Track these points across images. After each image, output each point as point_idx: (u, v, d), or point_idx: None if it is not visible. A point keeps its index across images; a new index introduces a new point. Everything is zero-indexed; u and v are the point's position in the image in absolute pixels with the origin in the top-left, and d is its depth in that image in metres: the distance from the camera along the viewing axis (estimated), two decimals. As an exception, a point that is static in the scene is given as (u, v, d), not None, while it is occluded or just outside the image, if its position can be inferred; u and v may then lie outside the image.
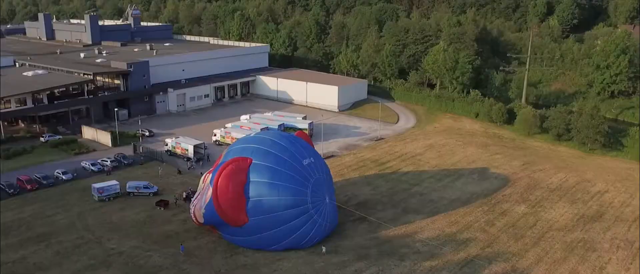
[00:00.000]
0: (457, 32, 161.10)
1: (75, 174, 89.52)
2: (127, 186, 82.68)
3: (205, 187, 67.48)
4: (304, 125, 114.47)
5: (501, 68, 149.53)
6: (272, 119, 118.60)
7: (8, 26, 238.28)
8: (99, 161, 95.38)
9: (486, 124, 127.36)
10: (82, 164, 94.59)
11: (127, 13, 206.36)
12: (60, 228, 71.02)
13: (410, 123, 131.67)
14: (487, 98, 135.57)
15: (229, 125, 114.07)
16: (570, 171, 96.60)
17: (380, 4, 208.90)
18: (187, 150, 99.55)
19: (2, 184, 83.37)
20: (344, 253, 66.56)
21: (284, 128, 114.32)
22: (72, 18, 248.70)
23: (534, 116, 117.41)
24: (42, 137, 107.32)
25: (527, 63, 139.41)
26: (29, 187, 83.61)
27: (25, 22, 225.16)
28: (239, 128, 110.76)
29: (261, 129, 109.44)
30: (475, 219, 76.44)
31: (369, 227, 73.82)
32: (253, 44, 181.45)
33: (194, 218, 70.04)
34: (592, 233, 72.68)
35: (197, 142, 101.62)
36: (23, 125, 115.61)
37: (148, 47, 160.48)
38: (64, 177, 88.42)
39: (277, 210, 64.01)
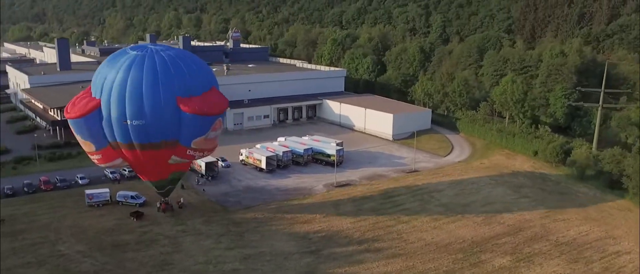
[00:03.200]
0: (556, 63, 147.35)
1: (88, 180, 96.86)
2: (117, 195, 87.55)
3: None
4: (332, 151, 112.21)
5: (602, 105, 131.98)
6: (304, 143, 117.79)
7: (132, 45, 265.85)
8: (120, 169, 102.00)
9: (541, 163, 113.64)
10: (105, 171, 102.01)
11: (229, 35, 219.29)
12: (36, 226, 77.42)
13: (462, 157, 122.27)
14: (572, 138, 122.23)
15: (258, 145, 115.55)
16: (599, 225, 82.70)
17: (486, 33, 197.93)
18: (201, 166, 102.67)
19: (23, 184, 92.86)
20: (266, 283, 63.97)
21: (312, 153, 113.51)
22: (207, 41, 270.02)
23: (588, 158, 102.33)
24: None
25: (601, 98, 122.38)
26: (43, 187, 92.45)
27: (139, 41, 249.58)
28: (264, 149, 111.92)
29: (283, 153, 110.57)
30: (435, 267, 68.79)
31: (313, 262, 69.99)
32: (331, 68, 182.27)
33: (94, 159, 78.53)
34: (564, 299, 61.64)
35: (212, 159, 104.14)
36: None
37: (224, 68, 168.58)
38: (80, 182, 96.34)
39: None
